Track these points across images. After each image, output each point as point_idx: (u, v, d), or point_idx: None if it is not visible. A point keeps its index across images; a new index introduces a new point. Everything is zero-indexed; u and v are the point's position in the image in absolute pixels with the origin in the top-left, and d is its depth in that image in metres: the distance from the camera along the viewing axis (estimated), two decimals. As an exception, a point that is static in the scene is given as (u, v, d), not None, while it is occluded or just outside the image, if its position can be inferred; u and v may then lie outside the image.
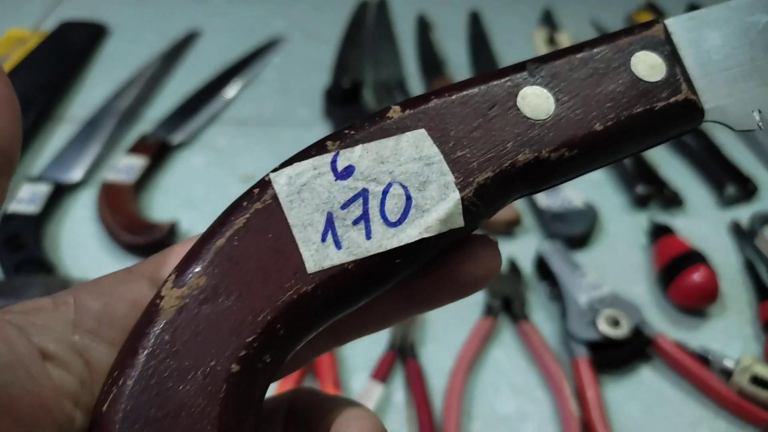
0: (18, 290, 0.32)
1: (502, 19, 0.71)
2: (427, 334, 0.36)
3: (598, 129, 0.13)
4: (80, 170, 0.45)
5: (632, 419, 0.32)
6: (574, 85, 0.13)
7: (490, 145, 0.13)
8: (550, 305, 0.38)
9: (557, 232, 0.41)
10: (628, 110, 0.13)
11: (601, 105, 0.13)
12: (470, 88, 0.14)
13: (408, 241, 0.12)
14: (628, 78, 0.13)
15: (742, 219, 0.45)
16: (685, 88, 0.14)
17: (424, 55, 0.63)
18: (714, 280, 0.37)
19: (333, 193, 0.13)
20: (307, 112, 0.54)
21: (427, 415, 0.31)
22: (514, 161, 0.13)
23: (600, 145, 0.13)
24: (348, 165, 0.13)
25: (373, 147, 0.13)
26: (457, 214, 0.13)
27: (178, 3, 0.70)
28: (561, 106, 0.13)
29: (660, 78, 0.14)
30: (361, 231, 0.12)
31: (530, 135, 0.13)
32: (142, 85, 0.55)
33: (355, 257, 0.12)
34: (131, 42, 0.62)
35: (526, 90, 0.13)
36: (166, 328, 0.12)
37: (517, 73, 0.14)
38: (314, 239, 0.12)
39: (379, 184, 0.13)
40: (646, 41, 0.14)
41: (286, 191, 0.13)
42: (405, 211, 0.13)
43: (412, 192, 0.13)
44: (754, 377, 0.32)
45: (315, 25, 0.68)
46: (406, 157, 0.13)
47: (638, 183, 0.46)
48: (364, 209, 0.13)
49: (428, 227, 0.13)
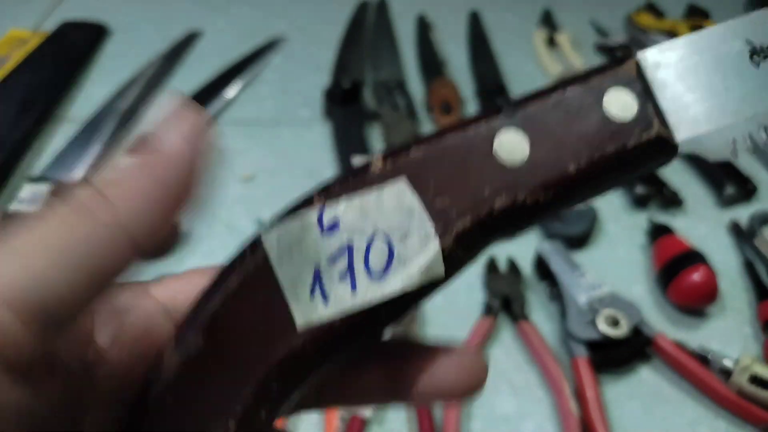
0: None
1: (502, 19, 0.71)
2: (427, 333, 0.36)
3: (571, 171, 0.13)
4: (81, 170, 0.45)
5: (632, 419, 0.33)
6: (548, 128, 0.14)
7: (468, 192, 0.13)
8: (550, 305, 0.38)
9: (557, 232, 0.41)
10: (600, 151, 0.13)
11: (574, 146, 0.13)
12: (448, 136, 0.14)
13: (392, 293, 0.13)
14: (600, 118, 0.14)
15: (741, 219, 0.45)
16: (657, 124, 0.14)
17: (424, 56, 0.63)
18: (713, 280, 0.37)
19: (320, 249, 0.13)
20: (308, 112, 0.54)
21: (427, 414, 0.31)
22: (491, 207, 0.13)
23: (575, 186, 0.14)
24: (333, 220, 0.13)
25: (356, 201, 0.13)
26: (438, 264, 0.13)
27: (179, 3, 0.70)
28: (536, 149, 0.13)
29: (632, 116, 0.14)
30: (347, 285, 0.13)
31: (506, 180, 0.13)
32: (143, 85, 0.55)
33: (341, 312, 0.13)
34: (132, 42, 0.63)
35: (502, 135, 0.14)
36: (167, 391, 0.13)
37: (493, 117, 0.14)
38: (303, 296, 0.13)
39: (363, 237, 0.13)
40: (618, 78, 0.14)
41: (276, 251, 0.13)
42: (388, 263, 0.13)
43: (394, 244, 0.13)
44: (753, 377, 0.32)
45: (315, 26, 0.68)
46: (388, 209, 0.13)
47: (637, 183, 0.46)
48: (349, 263, 0.13)
49: (411, 278, 0.13)
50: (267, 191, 0.46)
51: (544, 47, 0.65)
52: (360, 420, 0.31)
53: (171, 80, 0.57)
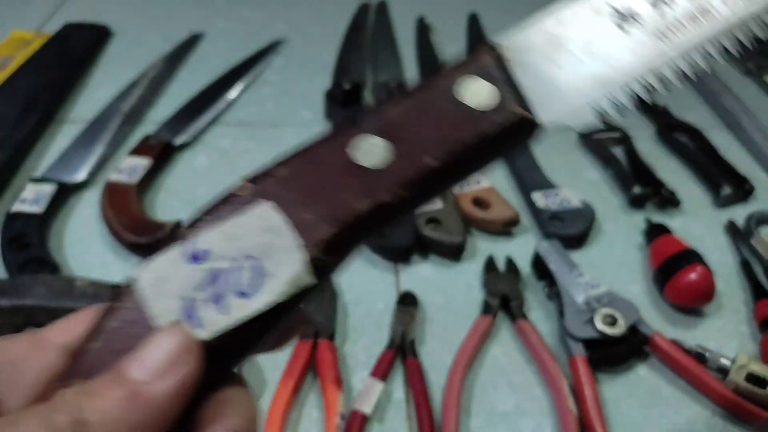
0: (22, 289, 0.33)
1: (501, 20, 0.72)
2: (427, 332, 0.36)
3: (432, 165, 0.14)
4: (84, 170, 0.45)
5: (629, 417, 0.33)
6: (406, 128, 0.14)
7: (331, 201, 0.14)
8: (548, 304, 0.38)
9: (555, 231, 0.41)
10: (459, 141, 0.14)
11: (433, 141, 0.14)
12: (309, 152, 0.15)
13: (263, 307, 0.13)
14: (456, 109, 0.14)
15: (738, 219, 0.45)
16: (515, 107, 0.14)
17: (424, 57, 0.63)
18: (710, 280, 0.37)
19: (191, 279, 0.14)
20: (309, 113, 0.55)
21: (426, 412, 0.31)
22: (355, 212, 0.14)
23: (437, 179, 0.14)
24: (202, 249, 0.14)
25: (224, 227, 0.14)
26: (305, 274, 0.14)
27: (181, 5, 0.71)
28: (396, 150, 0.14)
29: (490, 102, 0.14)
30: (218, 308, 0.13)
31: (368, 184, 0.14)
32: (146, 87, 0.55)
33: (214, 334, 0.13)
34: (134, 44, 0.63)
35: (360, 141, 0.14)
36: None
37: (350, 127, 0.14)
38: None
39: (233, 261, 0.14)
40: (473, 68, 0.14)
41: (148, 287, 0.14)
42: (257, 281, 0.14)
43: (262, 262, 0.14)
44: (750, 375, 0.32)
45: (316, 28, 0.68)
46: (255, 231, 0.14)
47: (635, 183, 0.46)
48: (220, 287, 0.14)
49: (280, 290, 0.13)
50: (268, 191, 0.46)
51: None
52: (360, 416, 0.31)
53: (173, 82, 0.58)
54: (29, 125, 0.48)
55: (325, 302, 0.36)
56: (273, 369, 0.34)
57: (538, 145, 0.52)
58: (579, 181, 0.48)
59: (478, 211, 0.43)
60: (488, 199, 0.44)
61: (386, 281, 0.39)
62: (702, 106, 0.59)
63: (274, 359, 0.34)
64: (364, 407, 0.31)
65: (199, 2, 0.71)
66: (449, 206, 0.43)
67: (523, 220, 0.44)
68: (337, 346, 0.34)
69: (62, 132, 0.50)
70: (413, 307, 0.37)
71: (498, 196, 0.44)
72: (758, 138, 0.53)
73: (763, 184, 0.49)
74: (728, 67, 0.67)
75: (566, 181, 0.48)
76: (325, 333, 0.34)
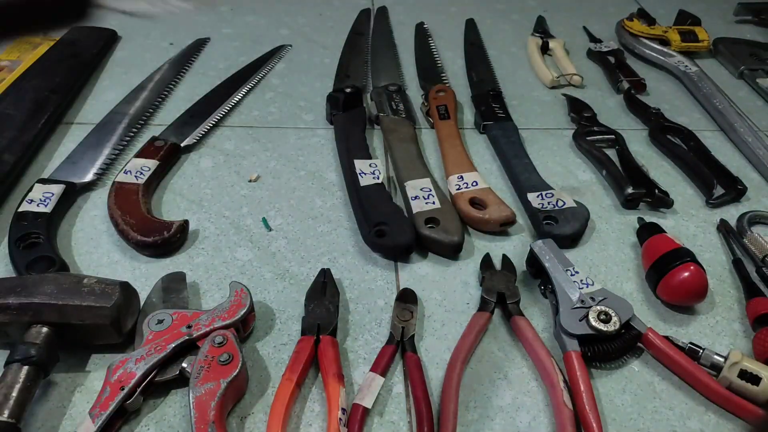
0: (30, 288, 0.33)
1: (498, 26, 0.73)
2: (426, 328, 0.37)
3: None
4: (92, 171, 0.46)
5: (623, 412, 0.33)
6: None
7: None
8: (543, 301, 0.39)
9: (550, 231, 0.42)
10: None
11: None
12: None
13: None
14: None
15: (730, 219, 0.46)
16: None
17: (423, 62, 0.64)
18: (703, 278, 0.37)
19: None
20: (311, 116, 0.56)
21: (425, 405, 0.31)
22: None
23: None
24: None
25: None
26: None
27: (187, 12, 0.72)
28: None
29: None
30: None
31: None
32: (152, 90, 0.56)
33: None
34: (141, 48, 0.64)
35: None
36: None
37: None
38: None
39: None
40: None
41: None
42: None
43: None
44: (742, 372, 0.33)
45: (318, 33, 0.69)
46: None
47: (628, 184, 0.47)
48: None
49: None
50: (271, 192, 0.47)
51: (537, 53, 0.66)
52: (361, 410, 0.31)
53: (179, 85, 0.59)
54: (37, 127, 0.49)
55: (327, 299, 0.37)
56: (277, 364, 0.34)
57: (533, 147, 0.53)
58: (573, 182, 0.49)
59: (475, 212, 0.44)
60: (485, 199, 0.44)
61: (386, 279, 0.40)
62: (695, 107, 0.60)
63: (277, 355, 0.35)
64: (365, 401, 0.32)
65: (204, 8, 0.73)
66: (447, 207, 0.43)
67: (520, 220, 0.45)
68: (338, 341, 0.35)
69: (70, 134, 0.51)
70: (413, 304, 0.38)
71: (494, 197, 0.45)
72: (750, 139, 0.54)
73: (755, 185, 0.50)
74: (721, 70, 0.68)
75: (561, 182, 0.49)
76: (327, 329, 0.35)
